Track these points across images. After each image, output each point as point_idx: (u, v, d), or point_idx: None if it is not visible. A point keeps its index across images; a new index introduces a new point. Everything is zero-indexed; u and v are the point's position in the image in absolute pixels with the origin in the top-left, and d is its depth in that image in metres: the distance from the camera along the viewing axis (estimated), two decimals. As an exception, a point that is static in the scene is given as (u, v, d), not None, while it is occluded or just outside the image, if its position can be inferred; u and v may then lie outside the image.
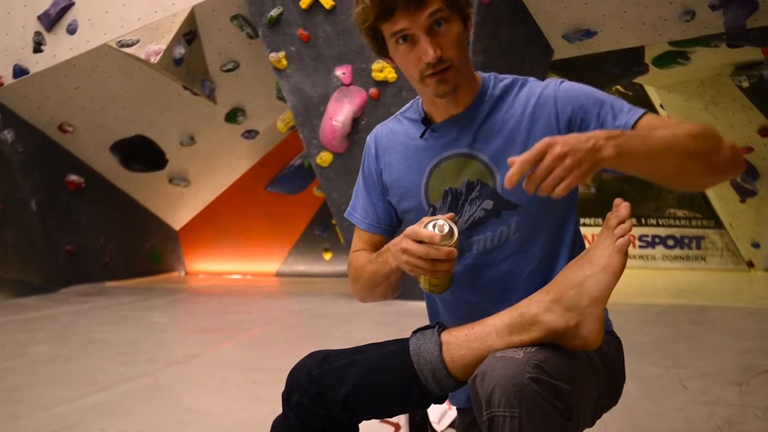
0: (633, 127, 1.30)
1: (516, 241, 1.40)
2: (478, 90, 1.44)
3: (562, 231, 1.43)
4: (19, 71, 6.62)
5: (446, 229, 1.25)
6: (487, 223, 1.41)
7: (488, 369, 1.13)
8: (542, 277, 1.40)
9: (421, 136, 1.46)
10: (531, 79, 1.46)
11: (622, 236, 1.18)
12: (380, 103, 5.72)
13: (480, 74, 1.47)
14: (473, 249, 1.43)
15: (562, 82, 1.42)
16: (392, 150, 1.52)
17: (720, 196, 8.48)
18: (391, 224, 1.57)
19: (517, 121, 1.39)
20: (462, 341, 1.25)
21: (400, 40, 1.33)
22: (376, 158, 1.55)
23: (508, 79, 1.46)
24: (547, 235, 1.41)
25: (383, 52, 1.40)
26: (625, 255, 1.19)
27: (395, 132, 1.53)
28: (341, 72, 5.77)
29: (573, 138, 1.11)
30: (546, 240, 1.41)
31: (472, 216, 1.42)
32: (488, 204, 1.40)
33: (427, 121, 1.47)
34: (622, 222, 1.19)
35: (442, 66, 1.33)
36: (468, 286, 1.45)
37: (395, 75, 5.60)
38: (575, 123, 1.35)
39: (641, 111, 1.32)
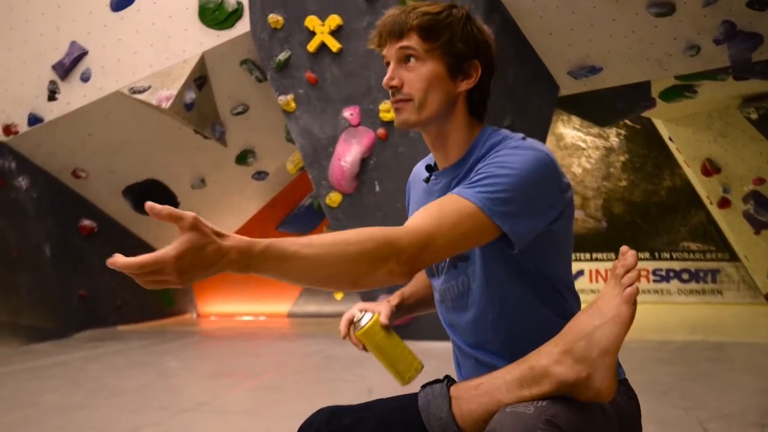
0: (449, 193, 1.27)
1: (477, 290, 1.38)
2: (470, 145, 1.42)
3: (524, 283, 1.36)
4: (34, 119, 6.73)
5: (358, 318, 1.44)
6: (453, 271, 1.42)
7: (499, 426, 1.12)
8: (508, 325, 1.37)
9: (426, 181, 1.50)
10: (518, 137, 1.39)
11: (630, 285, 1.17)
12: (388, 143, 5.76)
13: (482, 130, 1.44)
14: (447, 295, 1.45)
15: (500, 142, 1.35)
16: (412, 188, 1.60)
17: (734, 229, 8.41)
18: None
19: None
20: (471, 396, 1.23)
21: (386, 66, 1.41)
22: (407, 193, 1.64)
23: (500, 136, 1.41)
24: (506, 286, 1.36)
25: None
26: (634, 304, 1.18)
27: (418, 171, 1.59)
28: (349, 113, 5.83)
29: (198, 259, 1.00)
30: (504, 290, 1.36)
31: (444, 264, 1.43)
32: None
33: (430, 167, 1.51)
34: (629, 270, 1.18)
35: (400, 97, 1.38)
36: (453, 327, 1.48)
37: (403, 115, 5.64)
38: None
39: (476, 202, 1.22)
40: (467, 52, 1.37)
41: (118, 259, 0.98)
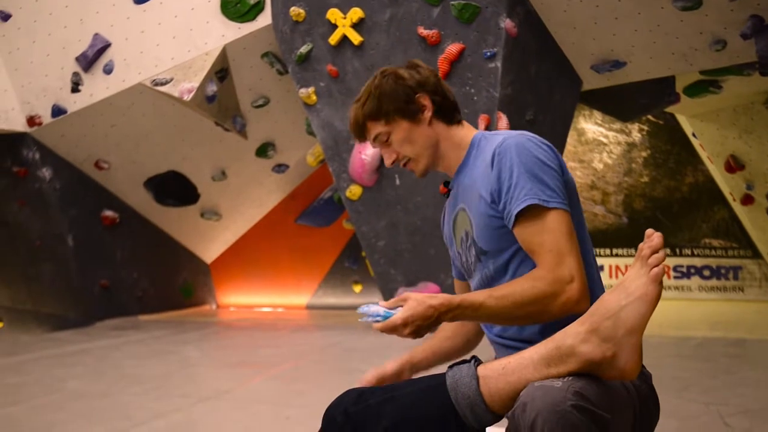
0: (515, 218, 1.42)
1: (499, 282, 1.49)
2: (465, 152, 1.59)
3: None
4: (58, 111, 6.81)
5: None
6: (478, 266, 1.54)
7: (529, 399, 1.15)
8: None
9: (446, 195, 1.71)
10: (505, 133, 1.53)
11: (657, 265, 1.19)
12: (409, 136, 5.75)
13: (471, 135, 1.61)
14: (481, 287, 1.55)
15: (503, 142, 1.47)
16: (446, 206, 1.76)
17: (757, 226, 8.31)
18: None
19: (480, 178, 1.51)
20: (499, 375, 1.26)
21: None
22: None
23: (489, 135, 1.59)
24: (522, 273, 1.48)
25: None
26: (661, 284, 1.21)
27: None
28: (370, 106, 5.82)
29: (420, 310, 1.34)
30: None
31: (470, 262, 1.57)
32: (473, 250, 1.54)
33: (446, 182, 1.69)
34: (655, 251, 1.21)
35: (404, 161, 1.62)
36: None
37: (424, 109, 5.63)
38: (495, 194, 1.46)
39: (528, 201, 1.40)
40: (405, 98, 1.57)
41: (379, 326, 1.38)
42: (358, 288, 8.60)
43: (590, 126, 9.33)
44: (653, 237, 1.22)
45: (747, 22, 5.32)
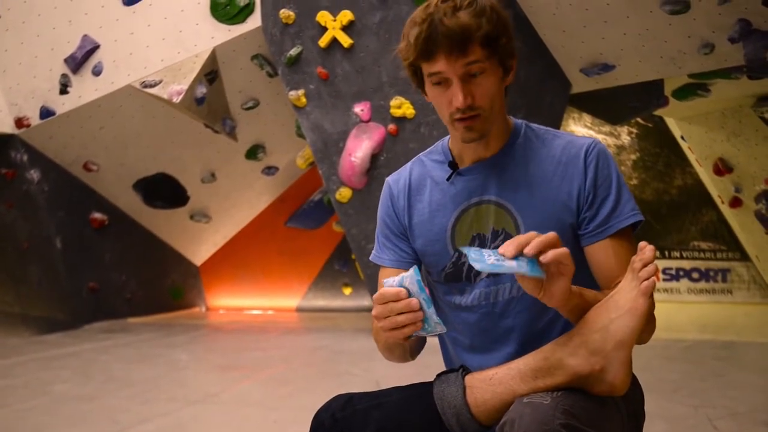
0: (614, 232, 1.33)
1: (521, 304, 1.37)
2: (509, 135, 1.43)
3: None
4: (46, 112, 6.76)
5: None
6: (490, 279, 1.39)
7: (517, 416, 1.13)
8: (559, 331, 1.37)
9: (448, 179, 1.43)
10: (563, 133, 1.45)
11: (647, 279, 1.17)
12: (399, 139, 5.75)
13: (512, 120, 1.46)
14: (490, 298, 1.40)
15: (594, 146, 1.39)
16: (416, 193, 1.48)
17: (745, 228, 8.36)
18: (418, 259, 1.51)
19: (547, 176, 1.38)
20: (486, 385, 1.24)
21: (435, 81, 1.32)
22: (395, 202, 1.52)
23: (540, 129, 1.45)
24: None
25: (422, 87, 1.39)
26: (651, 298, 1.19)
27: (420, 175, 1.50)
28: (360, 109, 5.83)
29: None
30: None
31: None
32: None
33: (453, 164, 1.44)
34: (646, 264, 1.19)
35: (471, 113, 1.31)
36: (482, 333, 1.42)
37: (413, 111, 5.64)
38: (584, 197, 1.35)
39: (638, 217, 1.35)
40: (512, 47, 1.35)
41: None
42: (347, 290, 8.58)
43: (580, 129, 9.36)
44: (645, 250, 1.19)
45: (735, 26, 5.35)
